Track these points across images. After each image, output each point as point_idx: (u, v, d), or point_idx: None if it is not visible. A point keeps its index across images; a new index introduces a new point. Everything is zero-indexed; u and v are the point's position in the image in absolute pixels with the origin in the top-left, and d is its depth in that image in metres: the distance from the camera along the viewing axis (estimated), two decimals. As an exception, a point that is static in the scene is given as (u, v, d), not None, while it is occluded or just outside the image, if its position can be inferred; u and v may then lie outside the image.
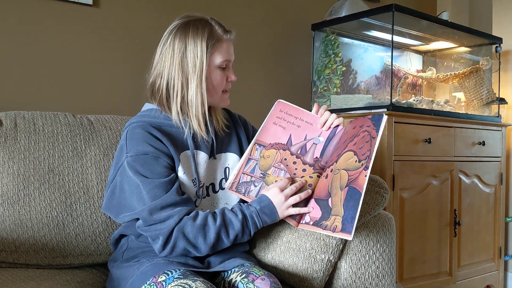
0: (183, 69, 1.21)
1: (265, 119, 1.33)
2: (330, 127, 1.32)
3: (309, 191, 1.23)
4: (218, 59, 1.24)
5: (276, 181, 1.25)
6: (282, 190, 1.21)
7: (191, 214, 1.14)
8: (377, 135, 1.17)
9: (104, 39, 1.91)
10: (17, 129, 1.40)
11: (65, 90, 1.82)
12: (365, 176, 1.12)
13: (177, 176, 1.20)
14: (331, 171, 1.22)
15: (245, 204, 1.21)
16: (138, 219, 1.17)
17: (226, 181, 1.32)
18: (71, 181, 1.40)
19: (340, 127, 1.33)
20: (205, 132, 1.25)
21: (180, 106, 1.23)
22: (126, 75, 1.95)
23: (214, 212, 1.17)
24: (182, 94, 1.22)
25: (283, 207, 1.20)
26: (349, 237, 1.06)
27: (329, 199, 1.17)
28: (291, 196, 1.21)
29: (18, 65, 1.73)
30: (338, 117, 1.33)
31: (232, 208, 1.20)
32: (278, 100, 1.36)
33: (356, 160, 1.17)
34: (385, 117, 1.20)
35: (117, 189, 1.20)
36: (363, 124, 1.24)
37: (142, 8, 2.00)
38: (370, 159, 1.14)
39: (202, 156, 1.27)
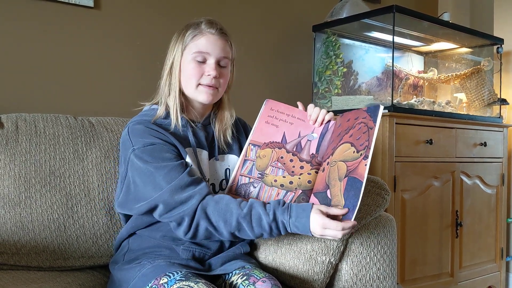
0: (165, 62, 1.28)
1: (257, 119, 1.31)
2: (322, 123, 1.31)
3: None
4: (192, 50, 1.24)
5: (275, 180, 1.25)
6: (325, 213, 1.08)
7: (216, 196, 1.12)
8: (375, 125, 1.16)
9: (105, 41, 1.91)
10: (19, 132, 1.40)
11: (66, 92, 1.83)
12: (365, 165, 1.11)
13: (187, 163, 1.20)
14: (327, 164, 1.22)
15: (285, 204, 1.12)
16: (154, 209, 1.14)
17: (226, 182, 1.32)
18: (72, 183, 1.41)
19: (332, 122, 1.32)
20: (180, 122, 1.25)
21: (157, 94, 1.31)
22: (127, 77, 1.96)
23: (242, 201, 1.13)
24: (158, 83, 1.29)
25: (317, 233, 1.08)
26: None
27: (328, 191, 1.16)
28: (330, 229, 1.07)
29: (19, 67, 1.73)
30: (328, 112, 1.32)
31: (266, 204, 1.12)
32: (267, 99, 1.34)
33: (354, 151, 1.16)
34: (381, 107, 1.18)
35: (131, 185, 1.19)
36: (358, 116, 1.24)
37: (143, 10, 2.00)
38: (369, 148, 1.13)
39: (204, 154, 1.27)
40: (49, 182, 1.38)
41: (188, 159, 1.20)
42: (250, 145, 1.29)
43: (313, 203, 1.12)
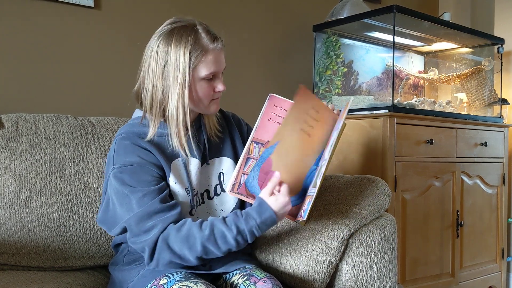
0: (164, 81, 1.15)
1: (260, 115, 1.28)
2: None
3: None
4: (202, 72, 1.16)
5: None
6: (274, 188, 1.12)
7: (177, 224, 1.09)
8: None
9: (106, 41, 1.91)
10: (19, 132, 1.40)
11: (67, 92, 1.83)
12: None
13: (167, 185, 1.16)
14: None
15: (243, 213, 1.11)
16: (125, 232, 1.14)
17: (220, 187, 1.29)
18: (73, 183, 1.41)
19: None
20: (186, 146, 1.18)
21: (162, 118, 1.19)
22: (127, 77, 1.95)
23: (203, 221, 1.11)
24: (163, 106, 1.17)
25: (282, 211, 1.11)
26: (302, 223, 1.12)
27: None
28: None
29: (19, 67, 1.73)
30: (333, 108, 1.31)
31: (225, 218, 1.11)
32: (270, 94, 1.31)
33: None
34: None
35: (110, 202, 1.17)
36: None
37: (143, 10, 2.00)
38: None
39: (195, 163, 1.23)
40: (50, 182, 1.38)
41: (171, 178, 1.17)
42: (253, 142, 1.27)
43: (259, 196, 1.13)
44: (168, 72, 1.15)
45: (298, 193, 1.22)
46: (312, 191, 1.14)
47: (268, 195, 1.11)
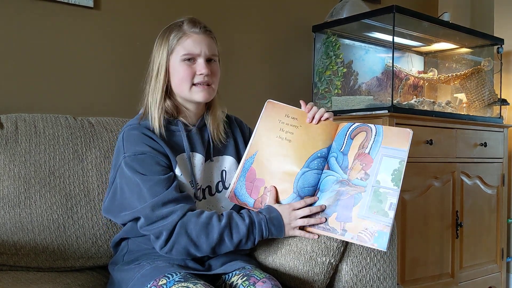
0: (151, 69, 1.26)
1: (258, 122, 1.30)
2: (319, 121, 1.30)
3: (323, 218, 1.21)
4: (180, 52, 1.23)
5: None
6: (294, 209, 1.21)
7: (195, 211, 1.14)
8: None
9: (105, 42, 1.91)
10: (18, 132, 1.40)
11: (66, 93, 1.83)
12: None
13: (175, 176, 1.20)
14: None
15: (254, 211, 1.20)
16: (138, 219, 1.15)
17: (222, 184, 1.32)
18: (72, 183, 1.40)
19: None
20: (163, 130, 1.22)
21: (162, 110, 1.25)
22: (127, 77, 1.95)
23: (221, 214, 1.17)
24: (145, 92, 1.27)
25: (290, 225, 1.20)
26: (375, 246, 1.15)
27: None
28: (302, 218, 1.20)
29: (19, 67, 1.73)
30: (326, 111, 1.31)
31: (240, 213, 1.19)
32: (268, 100, 1.33)
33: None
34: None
35: (118, 190, 1.20)
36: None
37: (143, 10, 2.00)
38: None
39: (198, 158, 1.27)
40: (49, 183, 1.38)
41: (177, 169, 1.21)
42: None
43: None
44: (154, 59, 1.26)
45: (290, 195, 1.24)
46: (369, 216, 1.16)
47: (283, 207, 1.23)
